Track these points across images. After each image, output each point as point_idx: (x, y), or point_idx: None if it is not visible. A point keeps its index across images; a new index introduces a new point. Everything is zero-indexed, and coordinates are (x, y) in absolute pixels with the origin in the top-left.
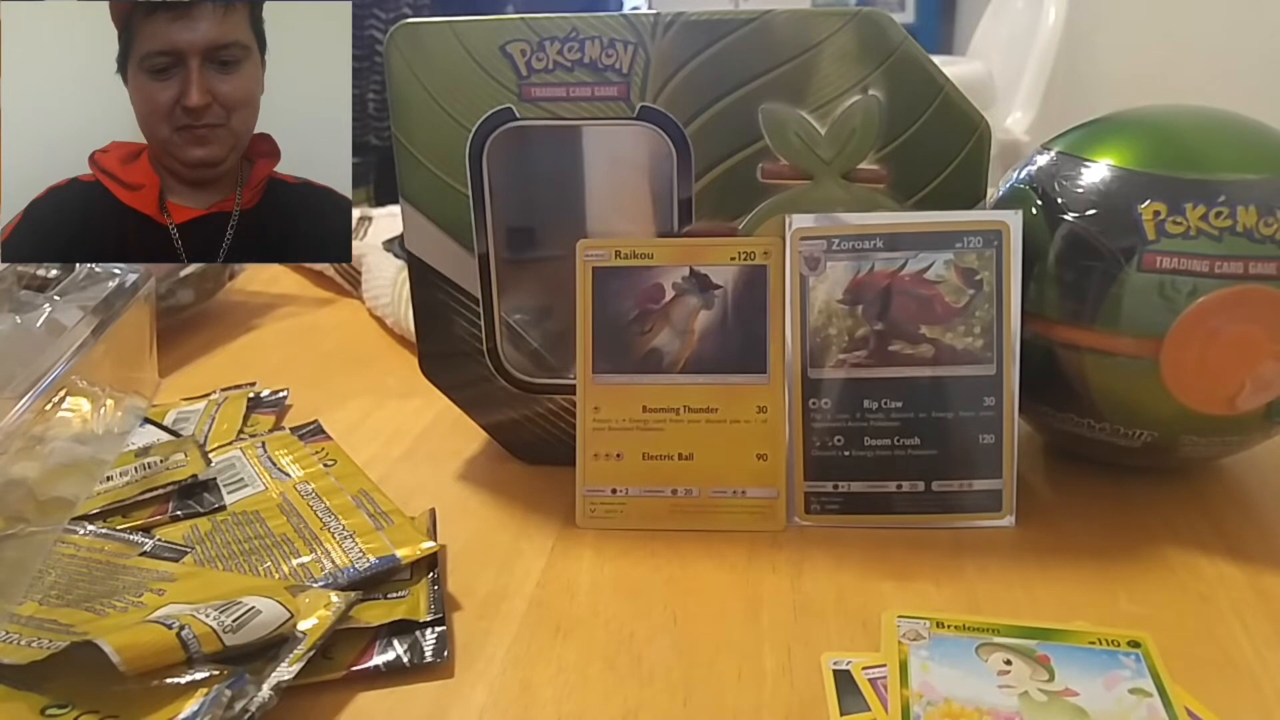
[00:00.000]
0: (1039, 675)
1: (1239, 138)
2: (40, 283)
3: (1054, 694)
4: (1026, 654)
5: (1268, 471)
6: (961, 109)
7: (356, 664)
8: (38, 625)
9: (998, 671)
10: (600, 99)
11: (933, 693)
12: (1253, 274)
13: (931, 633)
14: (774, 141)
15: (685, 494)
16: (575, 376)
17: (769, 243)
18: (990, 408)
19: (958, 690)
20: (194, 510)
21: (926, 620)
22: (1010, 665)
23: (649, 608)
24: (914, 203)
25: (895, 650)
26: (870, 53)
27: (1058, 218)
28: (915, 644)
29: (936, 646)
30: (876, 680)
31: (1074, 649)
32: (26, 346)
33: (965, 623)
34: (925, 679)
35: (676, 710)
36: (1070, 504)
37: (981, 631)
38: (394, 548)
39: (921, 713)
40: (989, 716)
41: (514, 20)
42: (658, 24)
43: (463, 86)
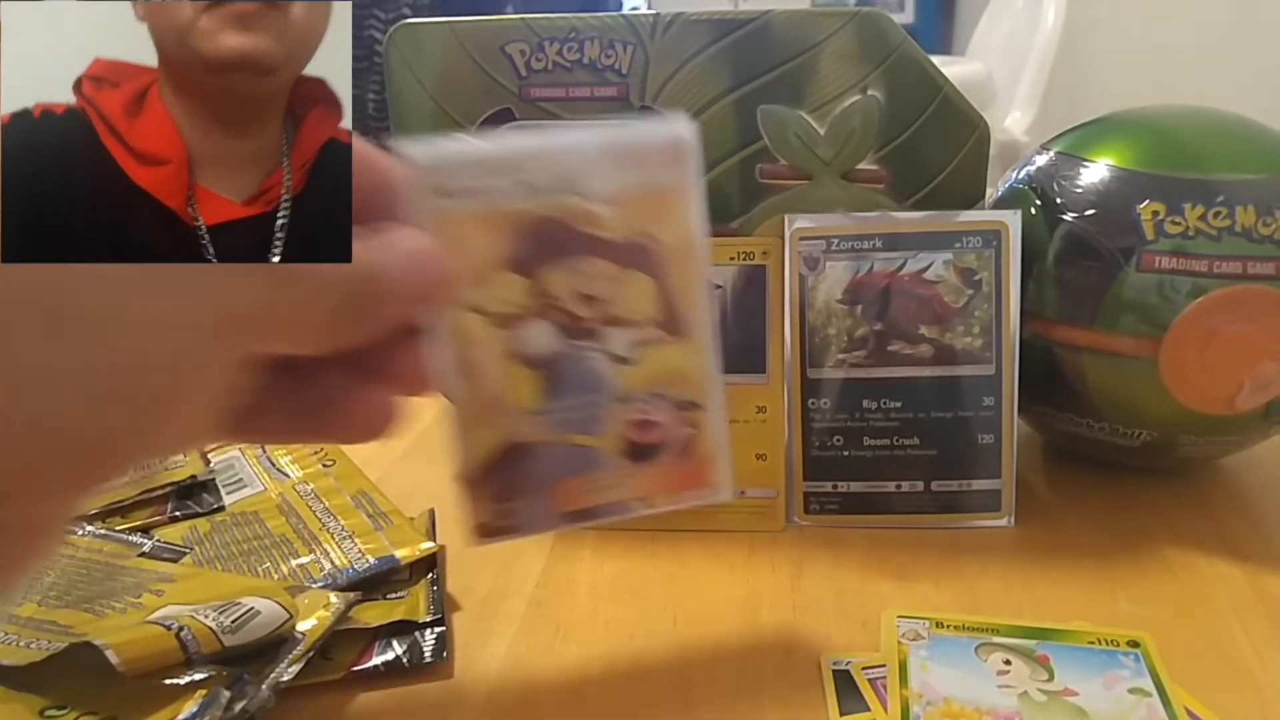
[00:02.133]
0: (1038, 675)
1: (1238, 138)
2: None
3: (1053, 694)
4: (1026, 654)
5: (1267, 471)
6: (961, 109)
7: (356, 665)
8: (36, 626)
9: (997, 671)
10: (600, 99)
11: (932, 693)
12: (1251, 274)
13: (931, 633)
14: (773, 142)
15: None
16: None
17: (768, 243)
18: (989, 408)
19: (957, 690)
20: (193, 511)
21: (926, 620)
22: (1010, 665)
23: (649, 608)
24: (913, 203)
25: (895, 650)
26: (869, 53)
27: (1057, 218)
28: (915, 644)
29: (936, 646)
30: (876, 680)
31: (1073, 649)
32: None
33: (965, 623)
34: (925, 679)
35: (676, 710)
36: (1069, 504)
37: (981, 631)
38: (393, 548)
39: (921, 713)
40: (988, 716)
41: (514, 21)
42: (657, 24)
43: (462, 87)
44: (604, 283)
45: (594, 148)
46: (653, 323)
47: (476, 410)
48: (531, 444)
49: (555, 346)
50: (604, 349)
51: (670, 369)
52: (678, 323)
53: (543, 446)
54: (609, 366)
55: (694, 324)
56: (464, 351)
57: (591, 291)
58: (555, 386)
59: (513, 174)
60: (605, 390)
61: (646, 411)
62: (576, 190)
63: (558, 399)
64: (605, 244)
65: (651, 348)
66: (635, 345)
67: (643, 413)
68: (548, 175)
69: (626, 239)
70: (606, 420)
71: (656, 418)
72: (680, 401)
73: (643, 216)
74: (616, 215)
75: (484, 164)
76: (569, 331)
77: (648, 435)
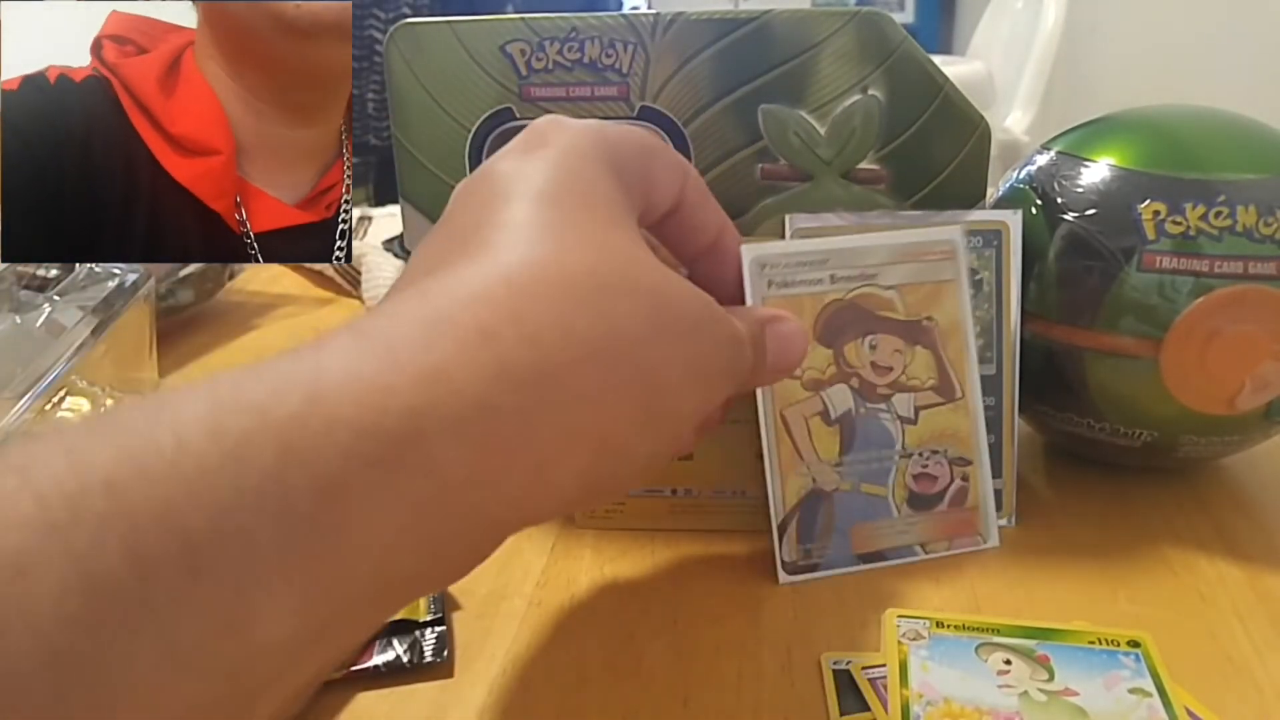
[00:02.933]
0: (1039, 675)
1: (1239, 137)
2: (40, 282)
3: (1053, 694)
4: (1026, 654)
5: (1268, 471)
6: (961, 109)
7: (355, 664)
8: None
9: (997, 671)
10: (600, 99)
11: (932, 692)
12: (1252, 274)
13: (931, 632)
14: (774, 141)
15: (685, 494)
16: None
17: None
18: (990, 408)
19: (957, 690)
20: None
21: (926, 620)
22: (1010, 665)
23: (649, 608)
24: (914, 202)
25: (895, 650)
26: (870, 53)
27: (1057, 217)
28: (915, 644)
29: (936, 646)
30: (876, 680)
31: (1074, 649)
32: (26, 346)
33: (965, 622)
34: (925, 679)
35: (676, 710)
36: (1070, 504)
37: (981, 631)
38: None
39: (921, 713)
40: (989, 716)
41: (514, 20)
42: (658, 24)
43: (462, 86)
44: (892, 355)
45: (887, 249)
46: (931, 389)
47: (787, 460)
48: (831, 491)
49: (853, 407)
50: (892, 410)
51: (945, 429)
52: (951, 389)
53: (841, 494)
54: (895, 426)
55: (964, 390)
56: (781, 409)
57: (883, 362)
58: (851, 441)
59: (825, 269)
60: (893, 446)
61: (927, 466)
62: (873, 281)
63: (853, 452)
64: (894, 323)
65: (930, 410)
66: (917, 408)
67: (923, 467)
68: (851, 269)
69: (910, 319)
70: (893, 472)
71: (935, 471)
72: (954, 458)
73: (923, 302)
74: (903, 301)
75: (804, 261)
76: (864, 395)
77: (928, 487)
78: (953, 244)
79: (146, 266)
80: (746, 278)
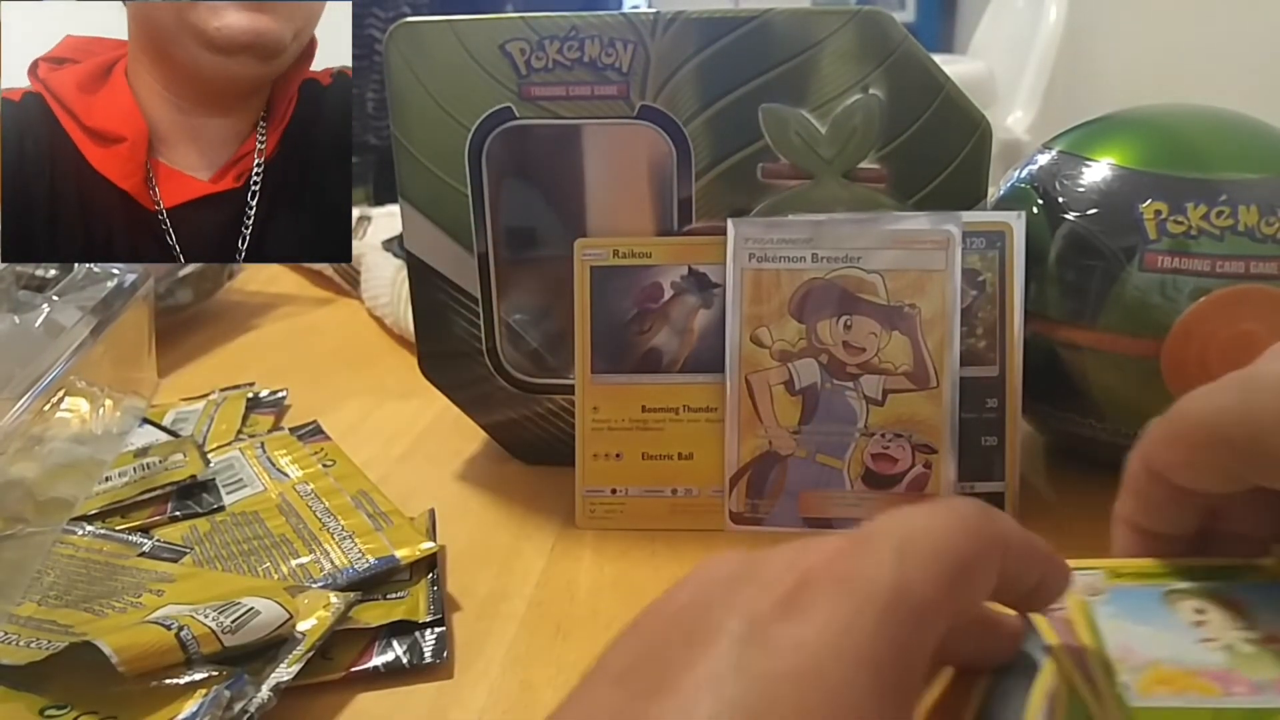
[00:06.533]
0: (1237, 622)
1: (1240, 137)
2: (39, 283)
3: (1257, 641)
4: (1219, 599)
5: None
6: (962, 108)
7: (356, 665)
8: (36, 626)
9: (1194, 624)
10: (600, 98)
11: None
12: (1254, 273)
13: (1108, 584)
14: (774, 141)
15: (685, 494)
16: (575, 376)
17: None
18: (993, 409)
19: (1158, 650)
20: (193, 511)
21: (1099, 571)
22: (1204, 614)
23: None
24: (914, 202)
25: (1080, 609)
26: (871, 52)
27: (1059, 217)
28: (1096, 599)
29: (1119, 599)
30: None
31: (1271, 587)
32: (25, 346)
33: (1144, 569)
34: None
35: None
36: (1071, 504)
37: (1164, 577)
38: (393, 548)
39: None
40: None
41: (513, 19)
42: (658, 23)
43: (462, 86)
44: (867, 337)
45: (875, 233)
46: (904, 374)
47: (746, 421)
48: (786, 456)
49: (818, 381)
50: (859, 389)
51: (913, 414)
52: (926, 377)
53: (796, 459)
54: (860, 404)
55: (940, 380)
56: (747, 374)
57: (856, 342)
58: (813, 413)
59: (808, 247)
60: (855, 423)
61: (888, 447)
62: (856, 264)
63: (813, 423)
64: (873, 306)
65: (900, 395)
66: (886, 391)
67: (884, 448)
68: (835, 250)
69: (891, 304)
70: (852, 448)
71: (896, 454)
72: (919, 444)
73: (908, 289)
74: (885, 285)
75: (786, 238)
76: (831, 371)
77: (887, 467)
78: (948, 235)
79: (146, 267)
80: (729, 249)
